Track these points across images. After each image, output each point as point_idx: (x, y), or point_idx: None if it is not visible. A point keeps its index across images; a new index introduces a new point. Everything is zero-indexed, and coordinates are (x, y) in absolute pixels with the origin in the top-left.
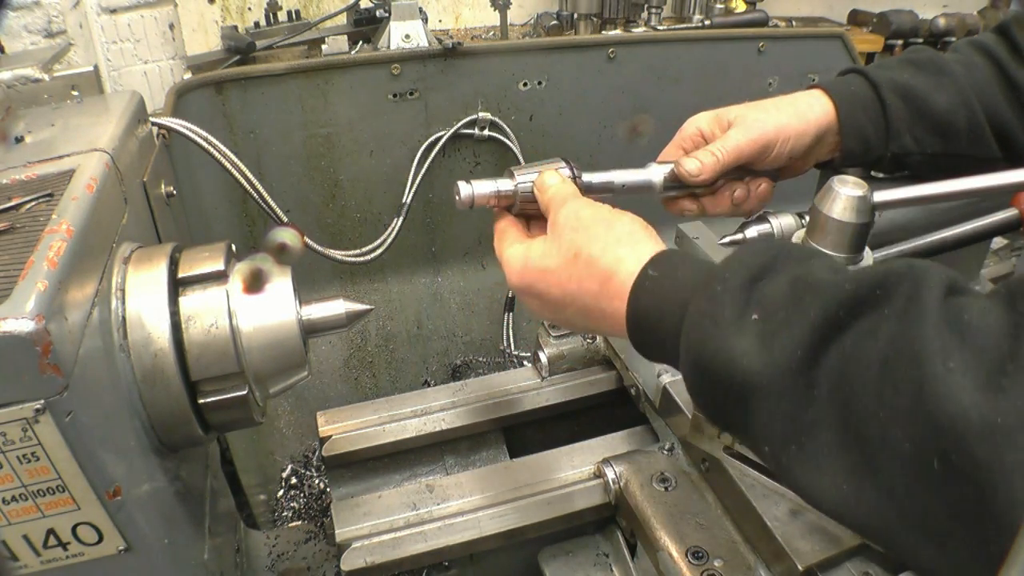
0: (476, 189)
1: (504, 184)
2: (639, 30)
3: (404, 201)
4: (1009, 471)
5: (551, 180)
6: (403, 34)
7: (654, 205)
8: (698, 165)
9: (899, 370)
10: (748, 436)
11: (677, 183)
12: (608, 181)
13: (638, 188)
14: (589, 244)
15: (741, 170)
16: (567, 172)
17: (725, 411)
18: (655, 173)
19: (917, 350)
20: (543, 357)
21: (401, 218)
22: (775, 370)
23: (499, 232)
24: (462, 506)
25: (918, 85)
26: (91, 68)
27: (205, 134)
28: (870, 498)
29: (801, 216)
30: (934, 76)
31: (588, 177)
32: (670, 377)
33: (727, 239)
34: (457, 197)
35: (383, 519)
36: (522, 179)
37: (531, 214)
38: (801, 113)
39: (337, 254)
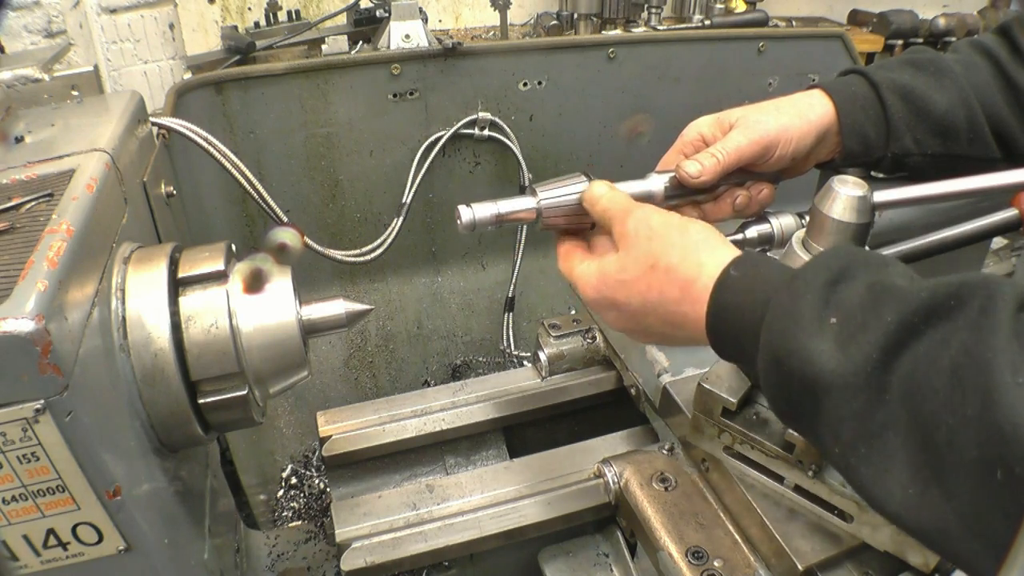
0: (477, 213)
1: (508, 205)
2: (639, 30)
3: (404, 201)
4: None
5: (600, 190)
6: (403, 34)
7: None
8: (699, 167)
9: (969, 378)
10: (818, 436)
11: (678, 190)
12: (633, 190)
13: (640, 198)
14: (667, 252)
15: (743, 173)
16: (587, 181)
17: (799, 409)
18: (655, 183)
19: (988, 360)
20: (543, 357)
21: (401, 218)
22: (850, 371)
23: (564, 253)
24: (462, 506)
25: (918, 86)
26: (91, 68)
27: (205, 134)
28: (934, 503)
29: (801, 216)
30: (934, 77)
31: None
32: (670, 377)
33: (728, 238)
34: (458, 221)
35: (383, 519)
36: (545, 195)
37: (562, 227)
38: (803, 114)
39: (337, 254)
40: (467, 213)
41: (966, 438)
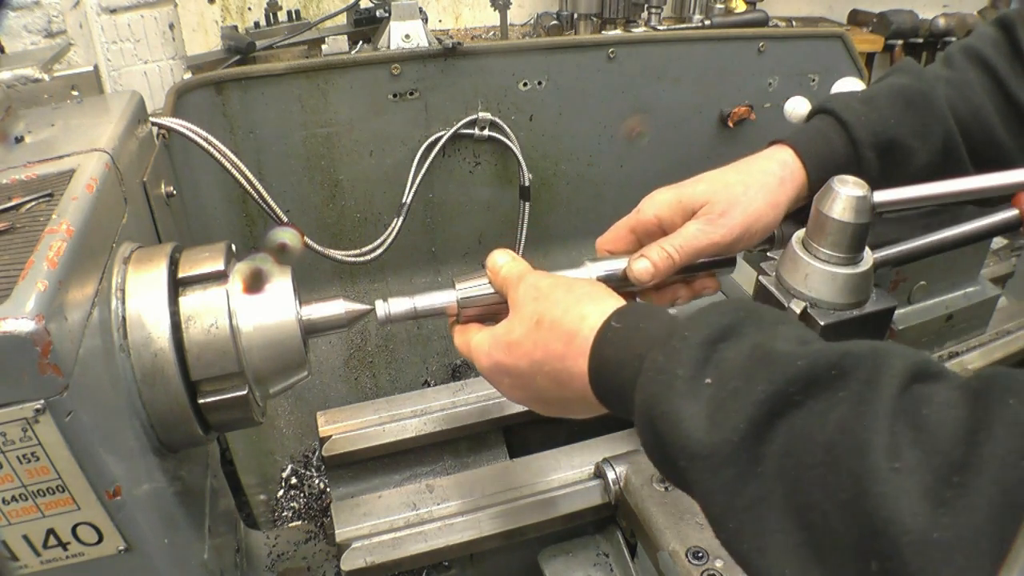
0: (392, 308)
1: (425, 300)
2: (639, 30)
3: (404, 201)
4: None
5: (501, 259)
6: (403, 34)
7: None
8: (650, 271)
9: (843, 459)
10: (692, 497)
11: (618, 283)
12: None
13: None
14: (551, 309)
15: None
16: None
17: (674, 473)
18: (591, 271)
19: (863, 440)
20: None
21: (401, 218)
22: (717, 440)
23: (459, 330)
24: (462, 506)
25: (902, 135)
26: (91, 68)
27: (205, 134)
28: None
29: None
30: (922, 119)
31: None
32: None
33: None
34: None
35: (383, 519)
36: (464, 288)
37: (482, 319)
38: (772, 196)
39: (337, 254)
40: (382, 308)
41: (842, 524)
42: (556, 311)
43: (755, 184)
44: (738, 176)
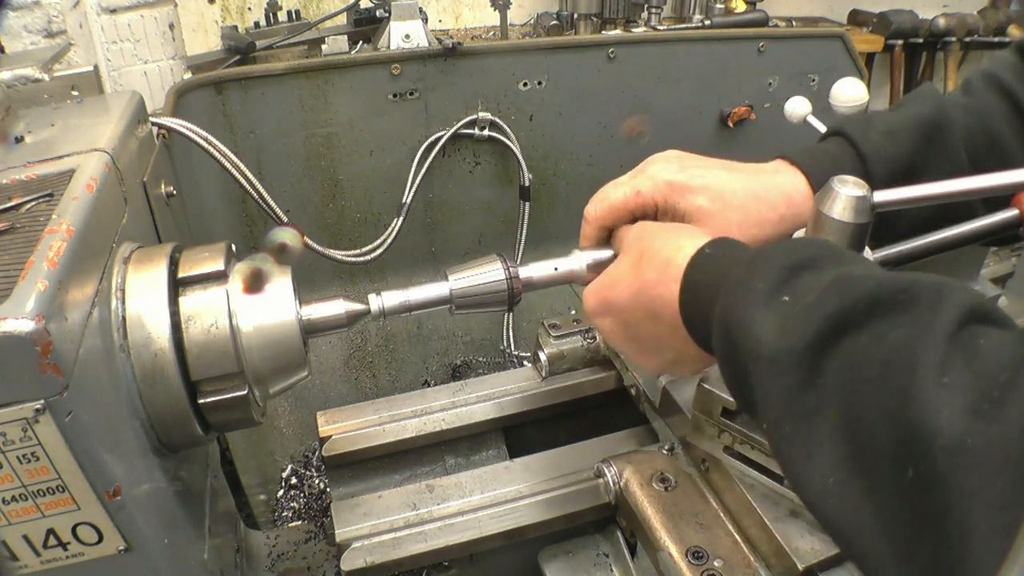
0: (386, 302)
1: (419, 293)
2: (639, 30)
3: (404, 201)
4: (968, 494)
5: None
6: (403, 34)
7: None
8: None
9: (895, 372)
10: (755, 411)
11: (598, 271)
12: (550, 271)
13: (565, 278)
14: (652, 243)
15: None
16: (502, 267)
17: (740, 381)
18: (580, 259)
19: (916, 356)
20: (543, 357)
21: (401, 218)
22: (785, 346)
23: (584, 291)
24: (462, 506)
25: (916, 175)
26: (91, 68)
27: (205, 134)
28: (852, 496)
29: None
30: (937, 155)
31: (525, 272)
32: (670, 377)
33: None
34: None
35: (383, 519)
36: (457, 280)
37: (477, 311)
38: (769, 230)
39: (337, 254)
40: (375, 302)
41: (885, 432)
42: (657, 243)
43: (753, 219)
44: (741, 201)
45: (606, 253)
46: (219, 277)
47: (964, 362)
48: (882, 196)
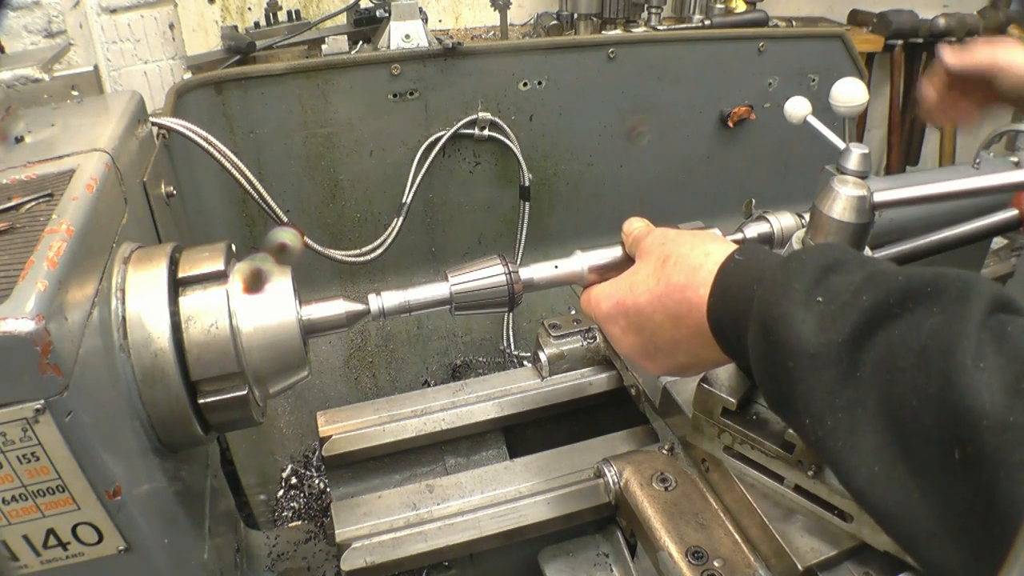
0: (385, 302)
1: (418, 293)
2: (639, 30)
3: (404, 201)
4: (1015, 467)
5: (637, 223)
6: (403, 34)
7: (656, 207)
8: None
9: (933, 359)
10: (794, 409)
11: (608, 269)
12: (551, 272)
13: (566, 279)
14: (678, 248)
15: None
16: (502, 268)
17: (778, 380)
18: (583, 261)
19: (953, 343)
20: (543, 357)
21: (401, 218)
22: (825, 341)
23: (585, 292)
24: (462, 506)
25: None
26: (91, 68)
27: (205, 134)
28: (900, 480)
29: (801, 216)
30: None
31: (526, 272)
32: (670, 377)
33: (728, 238)
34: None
35: (383, 519)
36: (457, 281)
37: (478, 312)
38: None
39: (337, 254)
40: (375, 302)
41: (929, 417)
42: (683, 249)
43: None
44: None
45: (609, 255)
46: (219, 277)
47: (995, 347)
48: (882, 196)
